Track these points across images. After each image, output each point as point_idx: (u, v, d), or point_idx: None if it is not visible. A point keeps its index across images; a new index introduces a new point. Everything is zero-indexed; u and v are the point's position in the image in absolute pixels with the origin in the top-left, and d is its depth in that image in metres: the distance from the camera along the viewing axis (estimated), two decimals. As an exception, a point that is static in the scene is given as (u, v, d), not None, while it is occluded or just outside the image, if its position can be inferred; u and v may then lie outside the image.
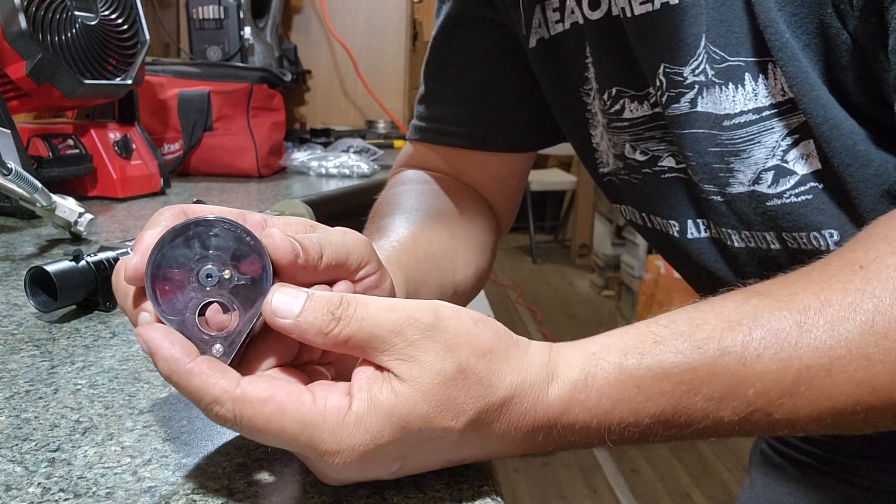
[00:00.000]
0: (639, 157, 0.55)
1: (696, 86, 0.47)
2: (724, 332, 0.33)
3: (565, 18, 0.56)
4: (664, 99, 0.49)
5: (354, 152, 1.50)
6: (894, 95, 0.39)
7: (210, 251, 0.31)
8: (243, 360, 0.35)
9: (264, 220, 0.37)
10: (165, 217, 0.34)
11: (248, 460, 0.35)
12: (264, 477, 0.34)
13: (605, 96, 0.55)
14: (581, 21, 0.54)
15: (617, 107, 0.55)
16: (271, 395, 0.29)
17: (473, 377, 0.31)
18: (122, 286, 0.33)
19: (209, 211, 0.35)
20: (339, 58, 1.99)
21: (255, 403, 0.29)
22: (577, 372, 0.33)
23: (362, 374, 0.31)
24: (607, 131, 0.57)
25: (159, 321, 0.31)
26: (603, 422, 0.33)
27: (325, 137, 1.74)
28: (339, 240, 0.36)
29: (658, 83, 0.49)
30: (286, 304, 0.31)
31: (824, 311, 0.33)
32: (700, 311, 0.35)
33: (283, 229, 0.37)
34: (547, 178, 5.10)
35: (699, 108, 0.47)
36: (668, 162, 0.53)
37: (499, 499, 0.33)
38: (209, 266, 0.31)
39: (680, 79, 0.48)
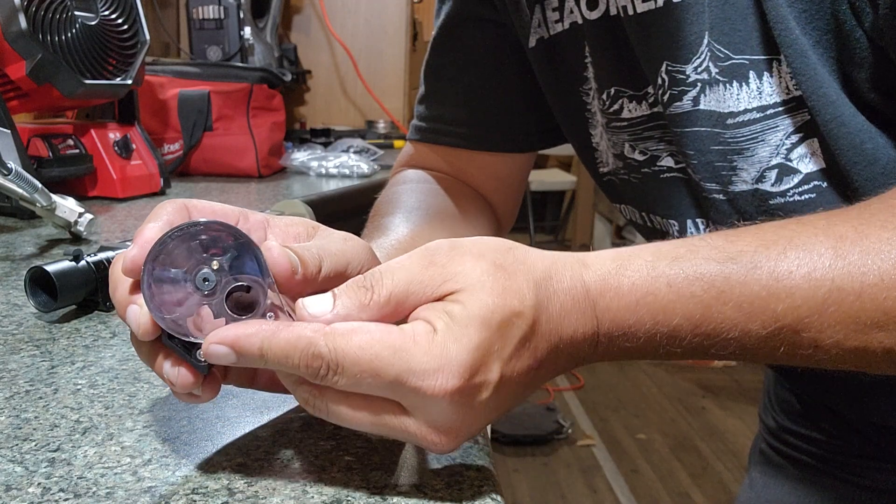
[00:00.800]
0: (638, 156, 0.55)
1: (699, 84, 0.47)
2: (759, 248, 0.34)
3: (564, 18, 0.56)
4: (666, 97, 0.49)
5: (354, 152, 1.50)
6: None
7: (210, 255, 0.31)
8: (231, 370, 0.35)
9: (266, 220, 0.37)
10: (168, 211, 0.34)
11: (248, 460, 0.35)
12: (264, 477, 0.34)
13: (604, 96, 0.55)
14: (580, 21, 0.54)
15: (616, 106, 0.55)
16: (360, 326, 0.30)
17: (511, 267, 0.32)
18: (117, 275, 0.33)
19: (210, 210, 0.35)
20: (339, 58, 1.99)
21: (346, 334, 0.29)
22: (610, 263, 0.34)
23: (426, 309, 0.31)
24: (606, 131, 0.57)
25: (148, 316, 0.31)
26: (634, 314, 0.34)
27: (325, 137, 1.74)
28: (338, 248, 0.36)
29: (660, 81, 0.49)
30: (318, 303, 0.31)
31: (860, 241, 0.34)
32: (737, 231, 0.36)
33: (285, 230, 0.37)
34: (547, 178, 5.09)
35: (702, 107, 0.47)
36: (667, 161, 0.53)
37: (499, 499, 0.33)
38: (206, 270, 0.31)
39: (682, 77, 0.47)
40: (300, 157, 1.40)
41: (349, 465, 0.35)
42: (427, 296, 0.31)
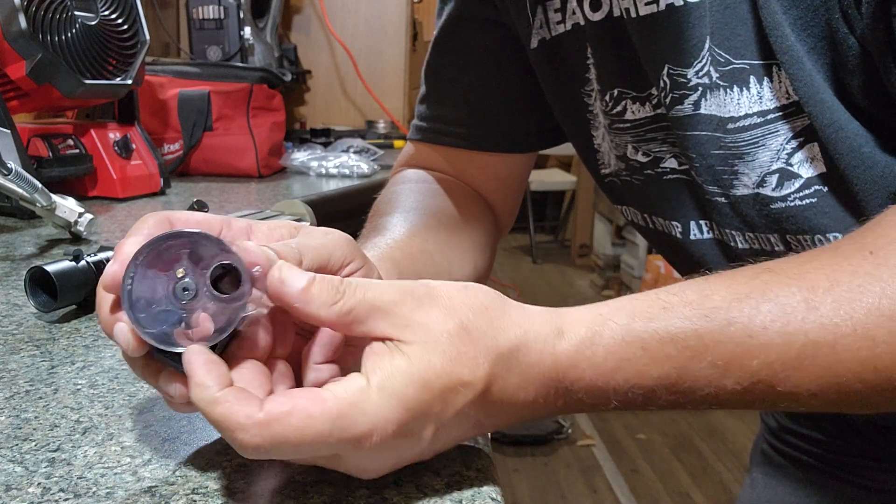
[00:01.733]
0: (641, 158, 0.55)
1: (700, 88, 0.47)
2: (733, 303, 0.34)
3: (567, 19, 0.56)
4: (668, 100, 0.49)
5: (354, 152, 1.50)
6: None
7: (187, 264, 0.31)
8: None
9: (249, 226, 0.37)
10: (149, 224, 0.34)
11: (249, 460, 0.35)
12: (264, 477, 0.34)
13: (607, 98, 0.55)
14: (582, 22, 0.54)
15: (619, 108, 0.55)
16: (293, 405, 0.29)
17: (477, 331, 0.32)
18: (101, 294, 0.33)
19: (195, 221, 0.34)
20: (339, 58, 1.99)
21: (281, 418, 0.29)
22: (585, 329, 0.34)
23: (371, 352, 0.31)
24: (609, 132, 0.57)
25: (134, 332, 0.31)
26: (609, 381, 0.34)
27: (325, 137, 1.74)
28: (319, 243, 0.36)
29: (662, 84, 0.49)
30: (293, 276, 0.31)
31: (833, 290, 0.33)
32: (710, 283, 0.36)
33: (269, 234, 0.37)
34: (547, 178, 5.10)
35: (703, 111, 0.47)
36: (671, 163, 0.53)
37: (499, 499, 0.33)
38: (186, 280, 0.31)
39: (684, 80, 0.47)
40: (300, 157, 1.40)
41: (349, 465, 0.35)
42: (383, 330, 0.31)
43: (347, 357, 0.35)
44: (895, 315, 0.32)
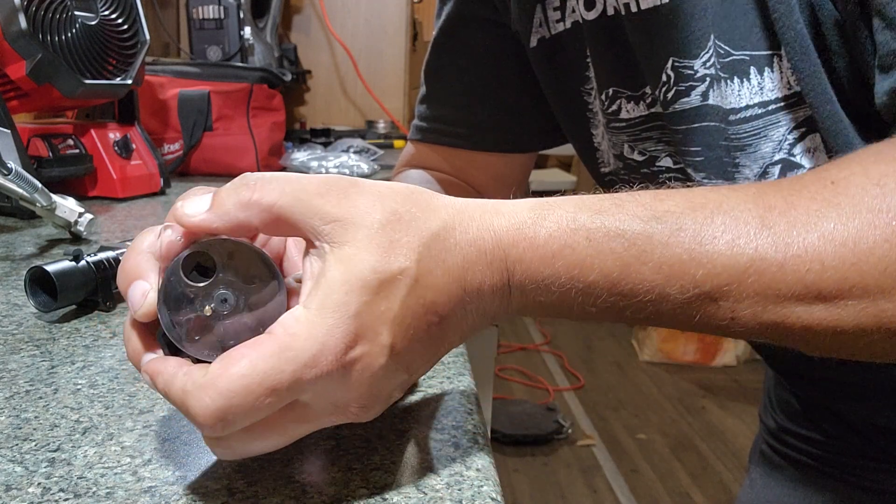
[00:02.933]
0: (637, 157, 0.55)
1: (708, 79, 0.47)
2: (686, 211, 0.33)
3: (566, 17, 0.56)
4: (670, 94, 0.49)
5: (354, 152, 1.50)
6: (877, 76, 0.38)
7: (229, 275, 0.31)
8: None
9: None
10: (143, 257, 0.32)
11: (249, 460, 0.35)
12: (264, 477, 0.34)
13: (604, 96, 0.55)
14: (581, 20, 0.54)
15: (614, 107, 0.55)
16: (229, 356, 0.28)
17: (408, 215, 0.31)
18: (128, 331, 0.32)
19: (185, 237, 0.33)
20: (339, 58, 1.99)
21: (223, 371, 0.28)
22: (527, 213, 0.33)
23: (307, 274, 0.30)
24: (607, 131, 0.57)
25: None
26: (550, 265, 0.32)
27: (325, 137, 1.74)
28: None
29: (664, 78, 0.49)
30: (194, 203, 0.31)
31: (789, 212, 0.33)
32: (667, 191, 0.35)
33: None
34: (547, 178, 5.09)
35: (710, 101, 0.47)
36: (666, 162, 0.53)
37: (499, 499, 0.33)
38: (224, 291, 0.31)
39: (690, 72, 0.47)
40: (300, 157, 1.40)
41: (349, 465, 0.35)
42: (310, 227, 0.30)
43: None
44: (847, 242, 0.32)
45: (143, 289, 0.31)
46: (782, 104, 0.44)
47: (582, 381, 3.03)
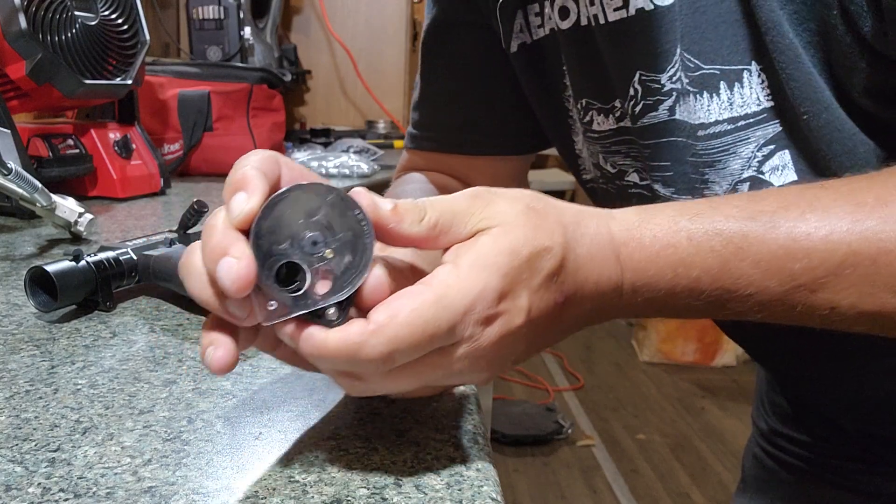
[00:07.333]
0: (609, 168, 0.55)
1: (674, 93, 0.47)
2: (779, 210, 0.35)
3: (545, 23, 0.55)
4: (638, 108, 0.49)
5: (354, 152, 1.50)
6: None
7: (308, 218, 0.31)
8: (258, 335, 0.35)
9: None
10: (260, 161, 0.32)
11: (249, 460, 0.35)
12: (264, 477, 0.34)
13: (579, 106, 0.55)
14: (556, 28, 0.54)
15: (587, 118, 0.55)
16: (394, 306, 0.30)
17: (543, 209, 0.34)
18: (217, 226, 0.30)
19: (299, 170, 0.34)
20: (339, 58, 1.99)
21: (390, 320, 0.30)
22: (634, 217, 0.36)
23: (454, 250, 0.32)
24: (585, 140, 0.57)
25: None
26: (655, 263, 0.35)
27: (325, 137, 1.74)
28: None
29: (632, 92, 0.49)
30: (381, 200, 0.32)
31: (880, 209, 0.35)
32: (760, 193, 0.37)
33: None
34: (546, 178, 5.09)
35: (677, 116, 0.47)
36: (633, 177, 0.53)
37: (499, 499, 0.33)
38: (313, 233, 0.31)
39: (657, 86, 0.47)
40: (300, 157, 1.40)
41: (349, 465, 0.35)
42: (466, 230, 0.33)
43: None
44: None
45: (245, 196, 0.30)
46: (752, 120, 0.44)
47: (581, 381, 3.03)
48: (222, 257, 0.29)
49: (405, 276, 0.33)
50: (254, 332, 0.34)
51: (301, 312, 0.31)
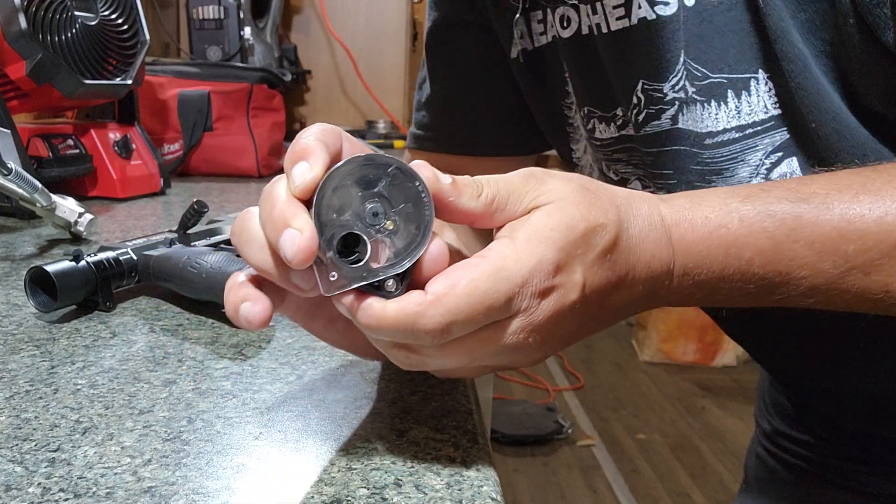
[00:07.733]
0: (612, 176, 0.55)
1: (677, 102, 0.46)
2: (832, 191, 0.35)
3: (547, 31, 0.55)
4: (641, 117, 0.49)
5: (354, 152, 1.49)
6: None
7: (368, 190, 0.31)
8: (294, 308, 0.35)
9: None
10: (324, 132, 0.32)
11: (249, 460, 0.35)
12: (264, 477, 0.34)
13: (581, 114, 0.55)
14: (558, 36, 0.54)
15: (590, 125, 0.55)
16: (452, 277, 0.30)
17: (597, 189, 0.34)
18: (280, 196, 0.31)
19: (360, 146, 0.34)
20: (339, 58, 1.98)
21: (448, 291, 0.29)
22: (684, 200, 0.36)
23: (510, 226, 0.32)
24: (589, 147, 0.57)
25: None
26: (706, 244, 0.35)
27: (325, 137, 1.73)
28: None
29: (635, 101, 0.49)
30: (441, 174, 0.32)
31: None
32: (812, 176, 0.37)
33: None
34: (547, 179, 5.09)
35: (681, 125, 0.47)
36: (636, 186, 0.53)
37: (499, 499, 0.33)
38: (374, 205, 0.31)
39: (660, 95, 0.47)
40: (300, 157, 1.40)
41: (349, 465, 0.35)
42: (522, 207, 0.32)
43: None
44: None
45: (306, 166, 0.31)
46: (760, 128, 0.44)
47: (582, 381, 3.03)
48: (285, 228, 0.29)
49: (456, 254, 0.33)
50: (281, 295, 0.34)
51: (361, 284, 0.31)
